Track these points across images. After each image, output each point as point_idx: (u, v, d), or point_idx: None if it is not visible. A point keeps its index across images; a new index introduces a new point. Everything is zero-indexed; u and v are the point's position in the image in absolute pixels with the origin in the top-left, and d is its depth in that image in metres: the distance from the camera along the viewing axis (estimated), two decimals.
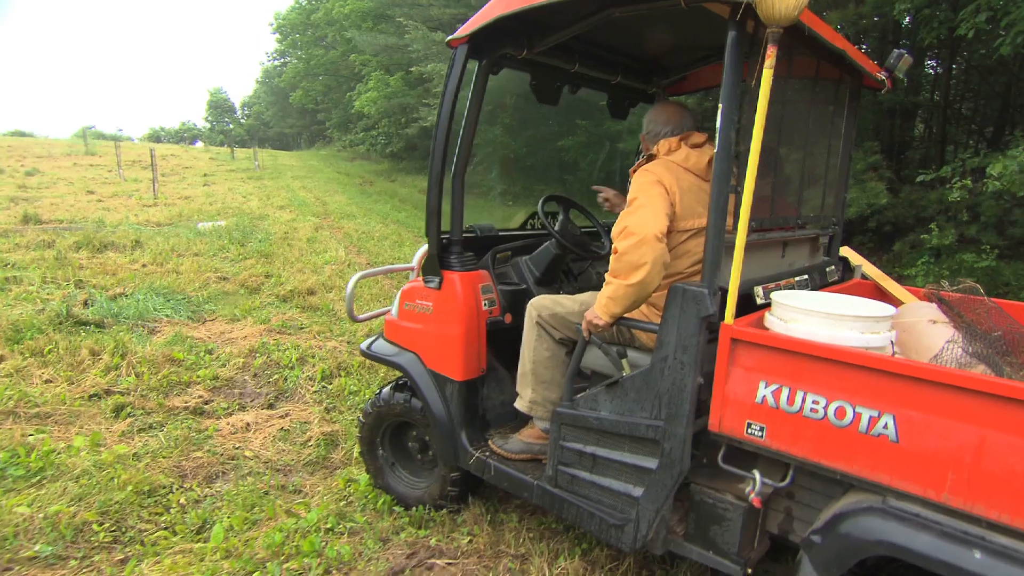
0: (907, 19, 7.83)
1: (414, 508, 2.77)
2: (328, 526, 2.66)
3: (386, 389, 2.81)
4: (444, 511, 2.74)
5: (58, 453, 3.15)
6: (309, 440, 3.52)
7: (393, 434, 2.88)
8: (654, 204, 1.99)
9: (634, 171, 2.23)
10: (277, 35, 42.99)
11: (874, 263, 2.87)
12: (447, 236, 2.50)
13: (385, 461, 2.89)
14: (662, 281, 1.99)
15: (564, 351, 2.42)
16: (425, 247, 2.89)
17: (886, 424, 1.48)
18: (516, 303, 2.64)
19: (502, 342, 2.65)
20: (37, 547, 2.46)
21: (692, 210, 2.09)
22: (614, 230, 2.00)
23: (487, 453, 2.47)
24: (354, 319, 2.99)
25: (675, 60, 3.06)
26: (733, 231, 1.72)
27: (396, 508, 2.82)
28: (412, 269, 3.07)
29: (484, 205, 14.51)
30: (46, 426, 3.47)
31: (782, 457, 1.66)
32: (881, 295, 2.64)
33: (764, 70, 1.61)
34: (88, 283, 6.33)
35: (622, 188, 3.49)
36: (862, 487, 1.55)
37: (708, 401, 1.79)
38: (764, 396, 1.66)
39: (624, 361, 2.04)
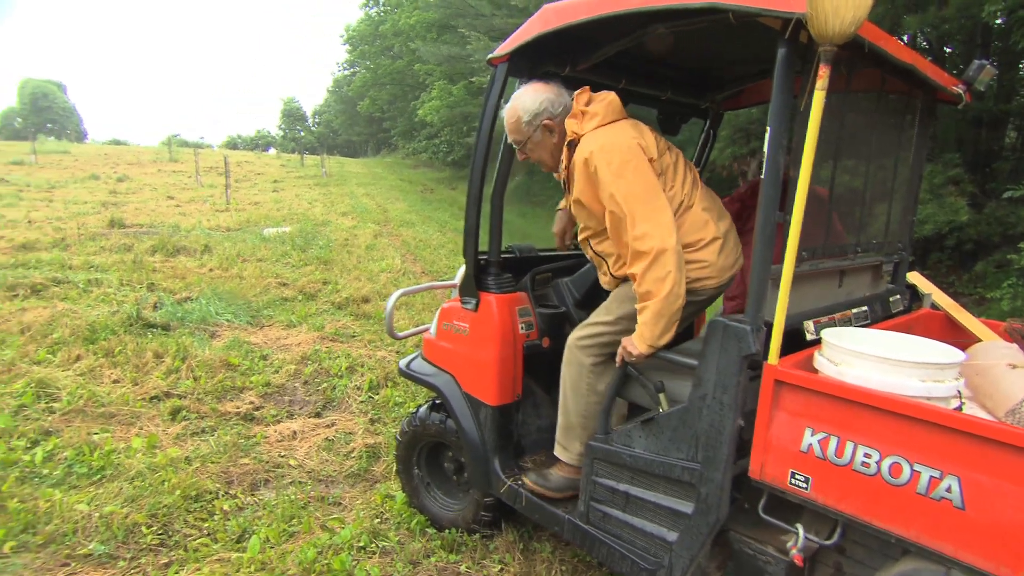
0: (999, 20, 7.28)
1: (447, 530, 2.73)
2: (361, 544, 2.66)
3: (423, 408, 2.79)
4: (477, 536, 2.70)
5: (118, 453, 3.29)
6: (352, 451, 3.56)
7: (429, 454, 2.86)
8: (649, 193, 1.87)
9: (564, 179, 2.07)
10: (348, 46, 44.53)
11: (952, 284, 2.64)
12: (485, 256, 2.45)
13: (420, 481, 2.87)
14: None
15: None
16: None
17: (949, 487, 1.33)
18: (555, 326, 2.57)
19: (539, 366, 2.58)
20: (92, 545, 2.56)
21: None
22: (625, 247, 1.91)
23: (519, 482, 2.40)
24: (394, 336, 2.99)
25: (730, 73, 2.92)
26: (780, 261, 1.60)
27: (429, 529, 2.79)
28: (454, 287, 3.05)
29: (536, 217, 14.47)
30: (110, 426, 3.64)
31: (829, 512, 1.53)
32: (953, 328, 2.42)
33: (815, 91, 1.49)
34: (159, 286, 6.66)
35: None
36: (921, 554, 1.40)
37: (751, 442, 1.67)
38: (810, 444, 1.52)
39: (662, 396, 1.93)
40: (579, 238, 2.19)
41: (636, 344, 1.91)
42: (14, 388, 3.88)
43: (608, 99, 2.02)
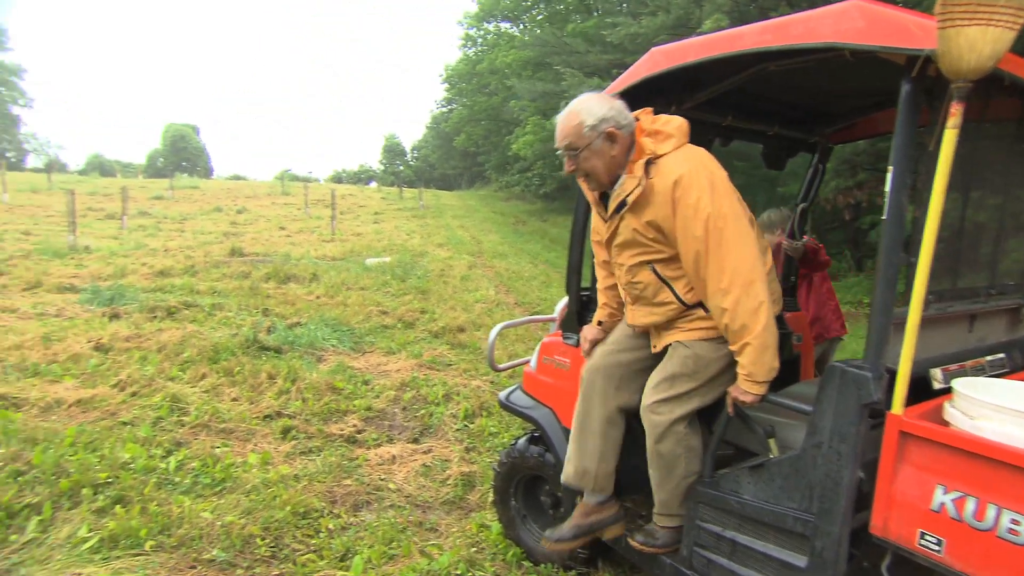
0: None
1: (542, 564, 2.73)
2: (458, 572, 2.70)
3: (522, 440, 2.83)
4: (572, 573, 2.67)
5: (236, 467, 3.54)
6: (448, 479, 3.64)
7: (527, 486, 2.88)
8: (740, 219, 1.81)
9: (636, 198, 1.87)
10: (446, 84, 46.61)
11: None
12: (587, 293, 2.48)
13: (517, 513, 2.89)
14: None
15: (624, 417, 2.22)
16: (567, 299, 2.90)
17: None
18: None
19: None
20: (215, 551, 2.76)
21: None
22: (709, 277, 1.82)
23: (624, 540, 2.36)
24: (495, 368, 3.05)
25: (843, 106, 2.83)
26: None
27: (525, 562, 2.80)
28: (554, 320, 3.09)
29: None
30: (229, 441, 3.94)
31: None
32: None
33: (946, 130, 1.43)
34: (272, 312, 7.17)
35: (788, 236, 3.26)
36: None
37: (871, 495, 1.57)
38: (943, 503, 1.42)
39: (771, 441, 1.87)
40: (630, 263, 1.99)
41: (748, 388, 1.84)
42: (153, 401, 4.29)
43: (678, 122, 1.93)
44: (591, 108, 1.87)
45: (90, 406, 4.18)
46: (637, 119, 1.94)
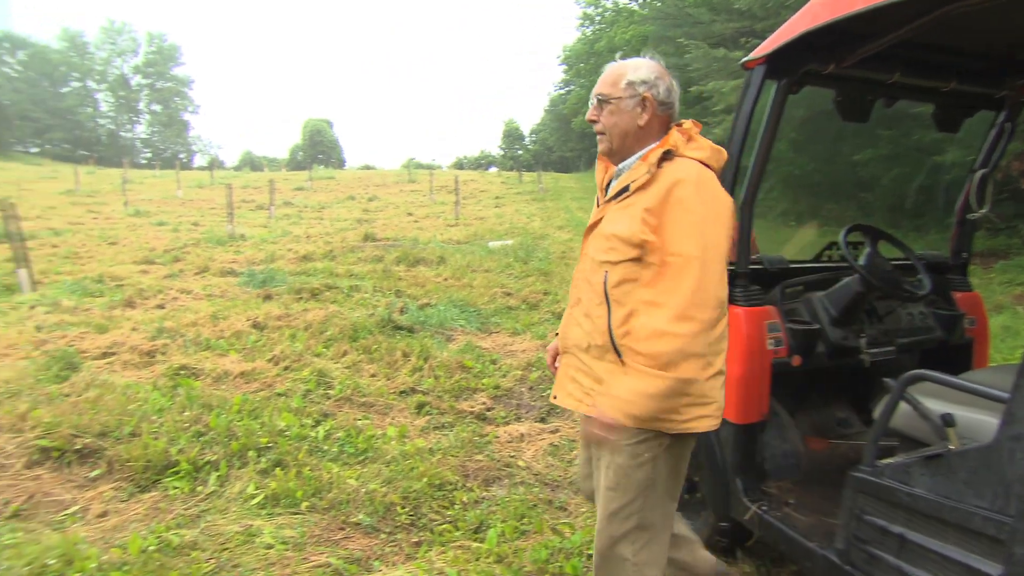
0: None
1: None
2: (590, 552, 2.68)
3: None
4: None
5: (376, 438, 3.76)
6: (575, 459, 3.63)
7: None
8: (724, 261, 1.57)
9: (640, 185, 1.63)
10: (564, 66, 46.33)
11: None
12: (732, 268, 2.34)
13: None
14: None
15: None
16: None
17: None
18: (807, 344, 2.36)
19: (787, 386, 2.38)
20: (360, 516, 2.95)
21: None
22: (653, 298, 1.56)
23: (764, 507, 2.24)
24: None
25: None
26: None
27: None
28: None
29: (762, 227, 13.47)
30: (369, 414, 4.19)
31: None
32: None
33: None
34: (404, 293, 7.53)
35: (945, 211, 2.90)
36: None
37: None
38: None
39: (951, 431, 1.66)
40: (599, 258, 1.72)
41: (611, 413, 1.56)
42: (303, 375, 4.67)
43: (721, 149, 1.73)
44: (639, 67, 1.71)
45: (251, 378, 4.62)
46: (691, 123, 1.74)
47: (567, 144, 55.92)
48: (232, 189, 14.35)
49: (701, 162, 1.65)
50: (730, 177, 2.20)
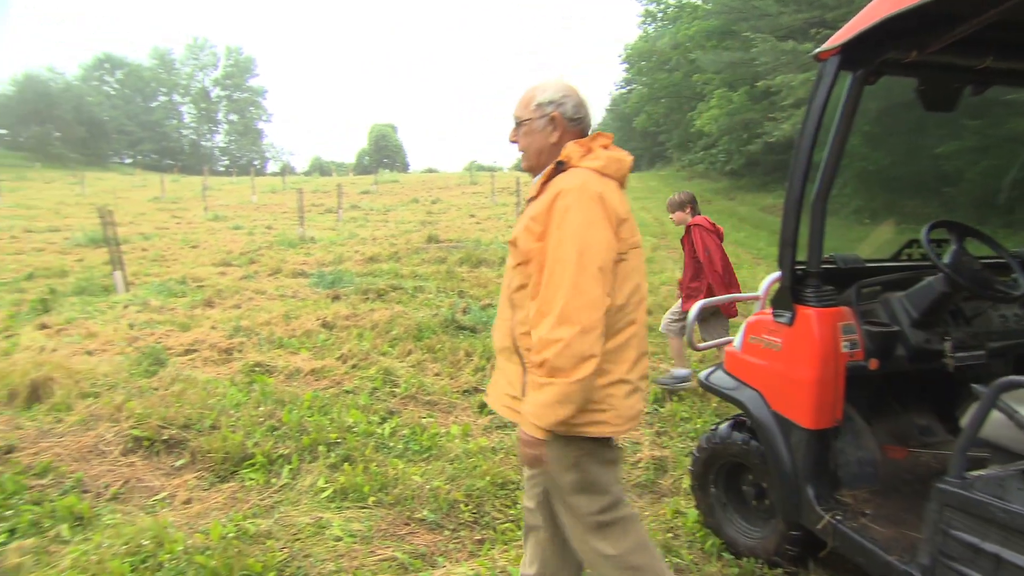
0: None
1: (745, 558, 2.57)
2: None
3: (724, 426, 2.68)
4: (779, 571, 2.48)
5: (440, 436, 3.83)
6: (639, 461, 3.59)
7: (728, 474, 2.73)
8: (604, 262, 1.59)
9: (535, 197, 1.73)
10: (626, 65, 45.71)
11: None
12: (803, 267, 2.26)
13: (716, 501, 2.75)
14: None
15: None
16: (773, 276, 2.68)
17: None
18: (884, 347, 2.24)
19: (863, 390, 2.28)
20: (425, 512, 3.01)
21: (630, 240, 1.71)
22: (538, 307, 1.60)
23: (838, 516, 2.14)
24: (694, 347, 2.93)
25: None
26: None
27: (725, 554, 2.66)
28: (758, 299, 2.88)
29: (833, 225, 12.88)
30: (433, 412, 4.27)
31: None
32: None
33: None
34: (467, 293, 7.63)
35: None
36: None
37: None
38: None
39: None
40: (507, 264, 1.84)
41: (532, 432, 1.60)
42: (369, 373, 4.82)
43: (622, 158, 1.77)
44: (547, 88, 1.81)
45: (321, 375, 4.80)
46: (596, 136, 1.80)
47: (629, 143, 55.06)
48: (302, 194, 14.93)
49: (597, 171, 1.69)
50: (801, 173, 2.12)
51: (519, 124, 1.84)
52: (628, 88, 48.85)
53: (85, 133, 58.23)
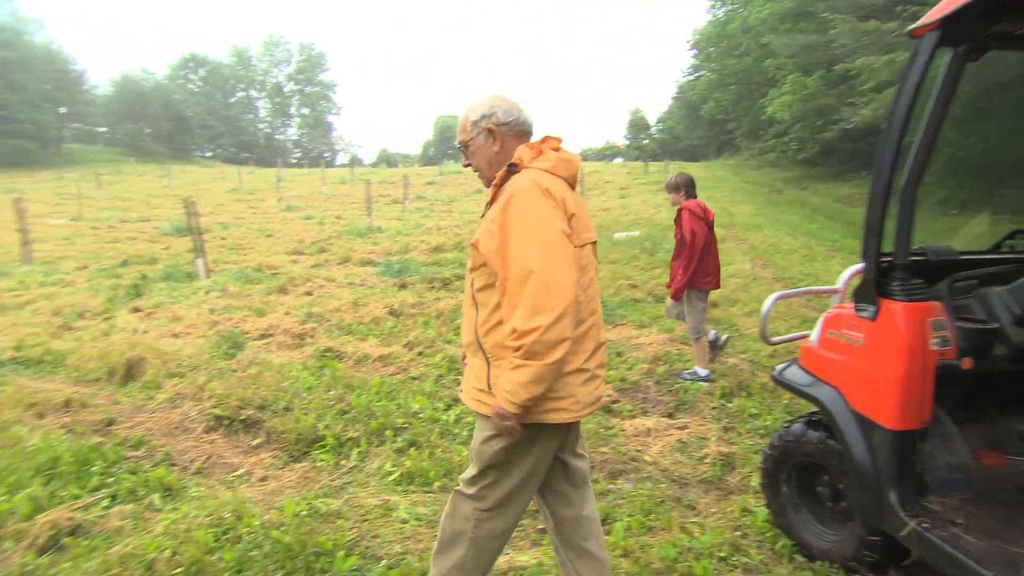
0: None
1: (818, 562, 2.47)
2: (722, 554, 2.59)
3: (798, 424, 2.57)
4: None
5: None
6: (705, 457, 3.51)
7: (801, 473, 2.62)
8: (567, 251, 1.68)
9: (492, 201, 1.81)
10: (694, 51, 44.41)
11: None
12: (889, 259, 2.13)
13: (788, 500, 2.65)
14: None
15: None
16: (854, 268, 2.55)
17: None
18: (981, 345, 2.09)
19: (954, 391, 2.13)
20: None
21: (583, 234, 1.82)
22: (509, 302, 1.68)
23: (925, 524, 2.02)
24: (768, 342, 2.82)
25: None
26: None
27: (797, 556, 2.56)
28: (837, 292, 2.74)
29: (918, 215, 12.11)
30: None
31: None
32: None
33: None
34: None
35: None
36: None
37: None
38: None
39: None
40: (469, 265, 1.90)
41: (507, 408, 1.70)
42: (435, 360, 4.91)
43: (571, 159, 1.87)
44: (477, 104, 1.92)
45: (388, 361, 4.93)
46: (545, 138, 1.91)
47: (696, 132, 53.60)
48: (370, 185, 15.30)
49: (547, 171, 1.79)
50: (890, 159, 2.00)
51: (464, 147, 1.97)
52: (696, 75, 47.44)
53: (172, 128, 61.92)
